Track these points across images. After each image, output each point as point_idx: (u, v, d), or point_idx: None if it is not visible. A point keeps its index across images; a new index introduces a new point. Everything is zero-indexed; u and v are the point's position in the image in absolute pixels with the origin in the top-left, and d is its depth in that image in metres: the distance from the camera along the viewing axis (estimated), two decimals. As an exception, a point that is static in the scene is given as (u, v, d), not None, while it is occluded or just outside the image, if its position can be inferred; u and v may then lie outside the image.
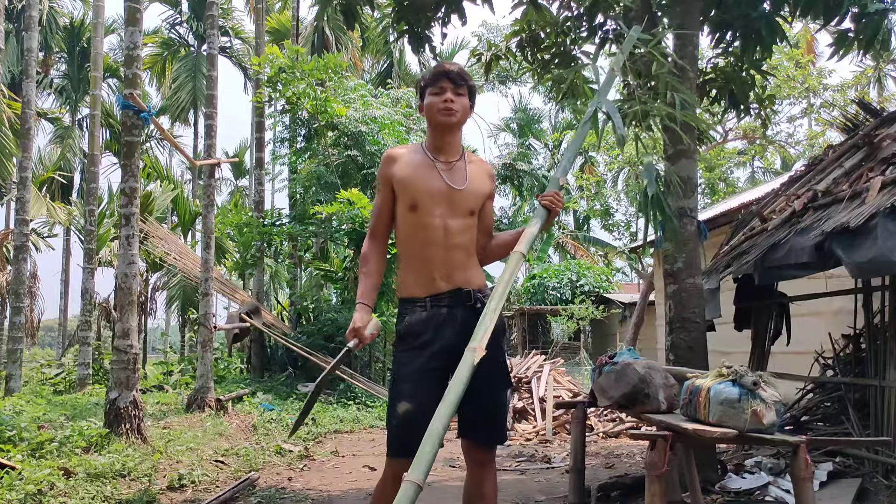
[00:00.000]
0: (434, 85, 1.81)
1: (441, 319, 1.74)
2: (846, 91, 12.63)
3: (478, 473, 1.79)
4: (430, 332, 1.73)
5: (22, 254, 7.88)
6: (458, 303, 1.77)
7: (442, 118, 1.79)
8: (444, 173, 1.80)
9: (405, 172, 1.79)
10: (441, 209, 1.77)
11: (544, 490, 3.53)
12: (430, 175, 1.79)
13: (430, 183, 1.78)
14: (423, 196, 1.77)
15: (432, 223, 1.76)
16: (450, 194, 1.78)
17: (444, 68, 1.83)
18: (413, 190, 1.77)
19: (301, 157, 10.20)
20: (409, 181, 1.78)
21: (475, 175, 1.85)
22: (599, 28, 4.38)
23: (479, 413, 1.74)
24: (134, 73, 4.47)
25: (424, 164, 1.81)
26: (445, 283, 1.77)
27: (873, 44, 3.49)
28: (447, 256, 1.77)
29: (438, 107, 1.79)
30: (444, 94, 1.79)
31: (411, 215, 1.78)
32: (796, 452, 1.88)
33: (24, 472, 3.04)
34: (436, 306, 1.75)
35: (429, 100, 1.82)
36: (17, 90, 10.57)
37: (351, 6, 4.22)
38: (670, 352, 3.32)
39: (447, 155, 1.83)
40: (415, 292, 1.78)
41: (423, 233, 1.77)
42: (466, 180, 1.81)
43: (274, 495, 3.35)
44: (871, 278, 3.44)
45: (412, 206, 1.77)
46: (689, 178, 3.45)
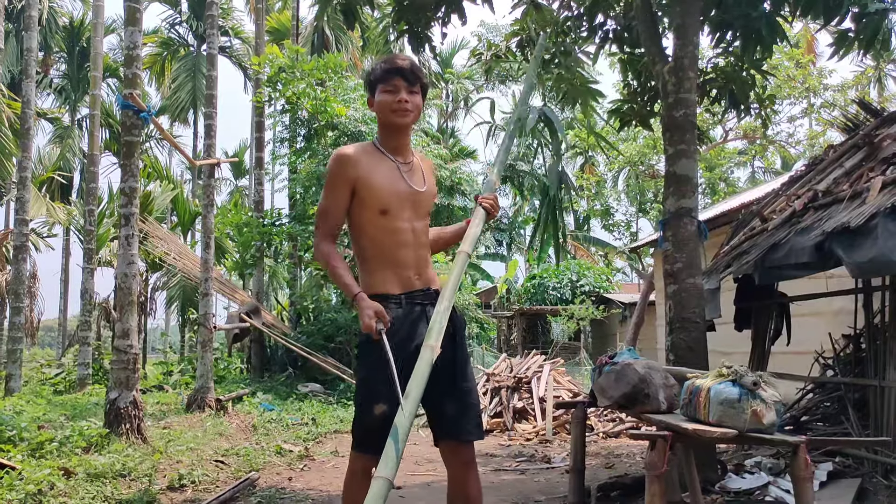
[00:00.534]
0: (386, 82, 1.74)
1: (416, 316, 1.74)
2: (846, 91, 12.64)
3: (462, 474, 1.75)
4: (406, 330, 1.72)
5: (21, 254, 7.88)
6: (428, 300, 1.78)
7: (397, 119, 1.75)
8: (406, 175, 1.78)
9: (372, 177, 1.73)
10: (408, 212, 1.77)
11: (544, 490, 3.53)
12: (396, 178, 1.76)
13: (398, 186, 1.76)
14: (392, 200, 1.74)
15: (402, 227, 1.76)
16: (413, 197, 1.78)
17: (397, 64, 1.74)
18: (383, 195, 1.73)
19: (301, 157, 10.19)
20: (377, 186, 1.73)
21: (428, 175, 1.86)
22: (600, 28, 4.39)
23: (458, 410, 1.73)
24: (133, 73, 4.46)
25: (388, 166, 1.77)
26: (419, 282, 1.79)
27: (874, 43, 3.49)
28: (417, 256, 1.79)
29: (392, 107, 1.74)
30: (397, 94, 1.73)
31: (382, 219, 1.74)
32: (796, 452, 1.88)
33: (24, 472, 3.04)
34: (410, 303, 1.75)
35: (381, 97, 1.75)
36: (17, 90, 10.57)
37: (351, 6, 4.22)
38: (670, 352, 3.32)
39: (404, 155, 1.82)
40: (390, 289, 1.75)
41: (395, 236, 1.75)
42: (425, 182, 1.82)
43: (274, 495, 3.35)
44: (871, 278, 3.44)
45: (383, 211, 1.73)
46: (690, 177, 3.45)
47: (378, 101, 1.77)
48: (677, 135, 3.44)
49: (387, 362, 1.60)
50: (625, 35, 4.38)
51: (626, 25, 4.32)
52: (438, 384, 1.66)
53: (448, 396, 1.72)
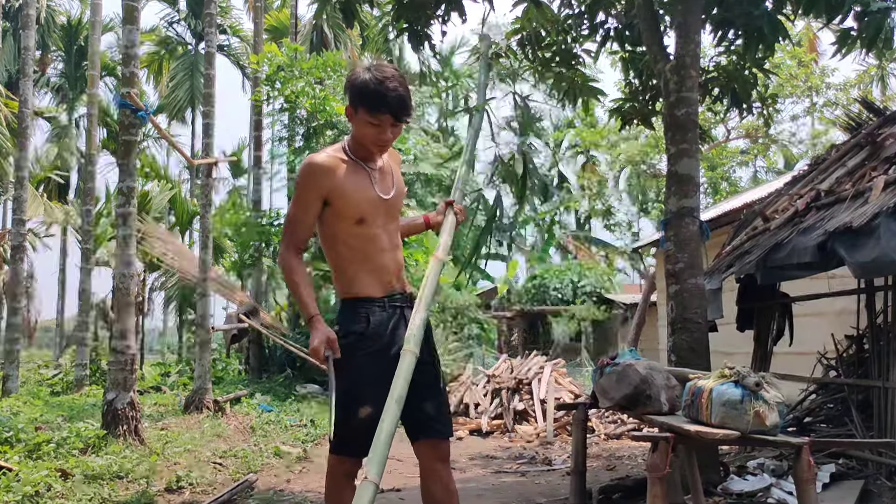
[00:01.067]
0: (373, 114, 1.69)
1: (396, 320, 1.78)
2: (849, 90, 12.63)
3: (441, 471, 1.77)
4: (388, 334, 1.75)
5: (19, 254, 7.84)
6: (405, 303, 1.82)
7: (375, 150, 1.77)
8: (378, 183, 1.78)
9: (347, 187, 1.72)
10: (381, 218, 1.79)
11: (545, 492, 3.51)
12: (368, 187, 1.76)
13: (370, 195, 1.76)
14: (367, 209, 1.75)
15: (378, 233, 1.78)
16: (385, 203, 1.79)
17: (388, 101, 1.67)
18: (359, 204, 1.73)
19: (300, 156, 10.16)
20: (352, 196, 1.72)
21: (396, 172, 1.87)
22: (601, 26, 4.36)
23: (436, 409, 1.79)
24: (131, 72, 4.43)
25: (360, 174, 1.76)
26: (398, 284, 1.82)
27: (876, 42, 3.46)
28: (394, 259, 1.82)
29: (374, 141, 1.74)
30: (383, 132, 1.71)
31: (358, 228, 1.74)
32: (799, 454, 1.87)
33: (21, 473, 3.03)
34: (392, 306, 1.78)
35: (365, 129, 1.71)
36: (14, 89, 10.54)
37: (350, 4, 4.20)
38: (672, 353, 3.30)
39: (374, 161, 1.82)
40: (372, 292, 1.77)
41: (373, 243, 1.77)
42: (394, 185, 1.83)
43: (272, 497, 3.33)
44: (874, 278, 3.42)
45: (359, 221, 1.74)
46: (692, 177, 3.42)
47: (360, 130, 1.74)
48: (679, 134, 3.42)
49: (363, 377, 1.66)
50: (626, 33, 4.36)
51: (628, 23, 4.30)
52: (417, 385, 1.69)
53: (427, 396, 1.76)
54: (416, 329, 1.67)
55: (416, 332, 1.67)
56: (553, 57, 4.49)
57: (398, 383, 1.58)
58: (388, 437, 1.50)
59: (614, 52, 4.68)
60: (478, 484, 3.74)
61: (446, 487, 1.76)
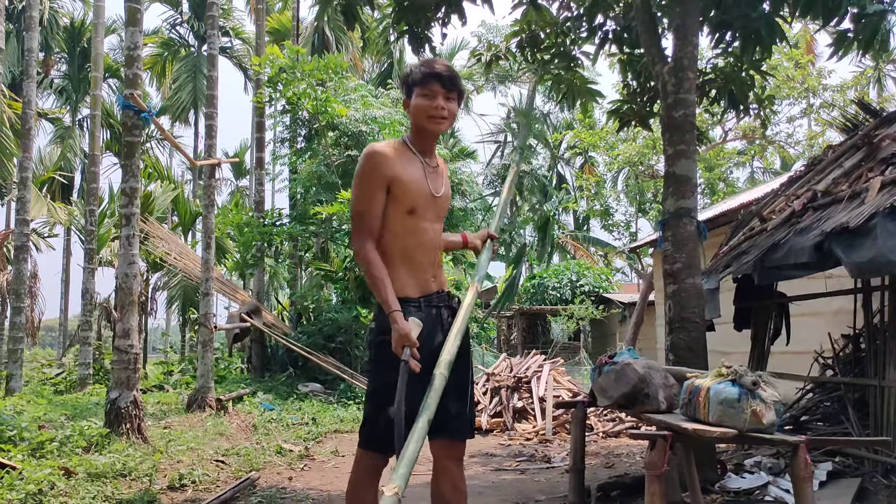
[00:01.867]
0: (424, 86, 1.74)
1: (433, 320, 1.77)
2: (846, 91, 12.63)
3: (453, 471, 1.78)
4: (423, 334, 1.73)
5: (22, 254, 7.88)
6: (442, 303, 1.81)
7: (432, 126, 1.76)
8: (431, 178, 1.81)
9: (405, 176, 1.74)
10: (430, 213, 1.81)
11: (544, 490, 3.53)
12: (423, 179, 1.79)
13: (424, 187, 1.78)
14: (420, 200, 1.77)
15: (425, 227, 1.79)
16: (435, 200, 1.81)
17: (436, 70, 1.75)
18: (413, 194, 1.75)
19: (301, 158, 10.20)
20: (409, 185, 1.74)
21: (446, 178, 1.90)
22: (599, 28, 4.39)
23: (459, 410, 1.78)
24: (134, 74, 4.47)
25: (417, 166, 1.78)
26: (435, 284, 1.82)
27: (872, 44, 3.49)
28: (434, 258, 1.82)
29: (429, 112, 1.74)
30: (435, 100, 1.74)
31: (410, 219, 1.76)
32: (796, 452, 1.88)
33: (24, 471, 3.05)
34: (428, 306, 1.78)
35: (418, 101, 1.75)
36: (18, 90, 10.58)
37: (351, 6, 4.23)
38: (670, 352, 3.32)
39: (431, 158, 1.84)
40: (409, 292, 1.76)
41: (418, 236, 1.77)
42: (444, 185, 1.86)
43: (274, 495, 3.35)
44: (870, 278, 3.44)
45: (411, 210, 1.75)
46: (689, 178, 3.45)
47: (414, 105, 1.77)
48: (677, 135, 3.45)
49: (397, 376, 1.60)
50: (624, 35, 4.39)
51: (626, 26, 4.33)
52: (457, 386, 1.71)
53: (453, 395, 1.74)
54: (448, 354, 1.64)
55: (448, 357, 1.64)
56: (552, 59, 4.52)
57: (429, 402, 1.55)
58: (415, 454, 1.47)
59: (613, 54, 4.71)
60: (478, 481, 3.76)
61: (456, 487, 1.77)
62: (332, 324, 8.68)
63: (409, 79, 1.80)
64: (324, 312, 9.19)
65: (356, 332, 8.70)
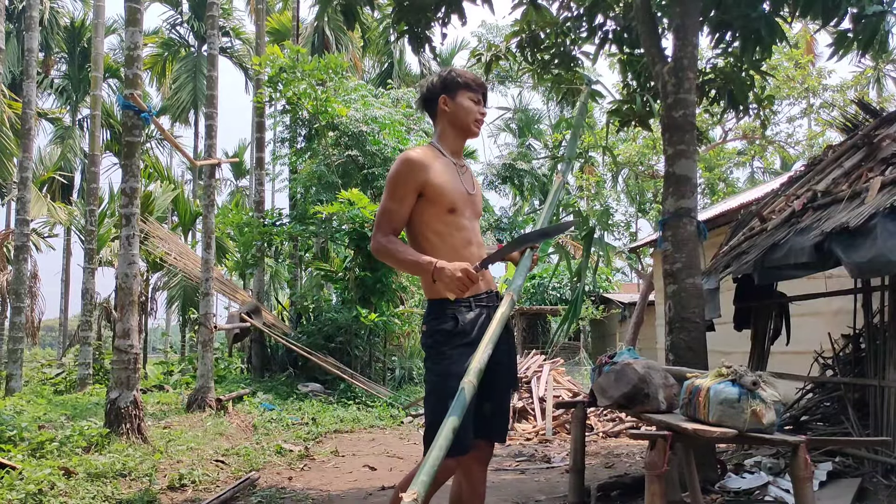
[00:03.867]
0: (474, 92, 1.88)
1: (483, 319, 1.77)
2: (845, 91, 12.63)
3: (478, 472, 1.81)
4: (475, 332, 1.74)
5: (22, 254, 7.89)
6: (491, 303, 1.81)
7: (475, 128, 1.89)
8: (463, 178, 1.87)
9: (441, 178, 1.79)
10: (469, 211, 1.85)
11: (544, 490, 3.53)
12: (457, 179, 1.84)
13: (459, 186, 1.83)
14: (458, 199, 1.81)
15: (467, 225, 1.83)
16: (471, 198, 1.87)
17: (483, 83, 1.92)
18: (451, 194, 1.79)
19: (301, 157, 10.20)
20: (446, 186, 1.79)
21: (475, 177, 1.97)
22: (599, 28, 4.39)
23: (494, 412, 1.78)
24: (134, 74, 4.47)
25: (451, 167, 1.85)
26: (483, 284, 1.81)
27: (872, 44, 3.49)
28: (479, 256, 1.82)
29: (476, 116, 1.87)
30: (481, 105, 1.89)
31: (450, 217, 1.79)
32: (796, 452, 1.88)
33: (24, 471, 3.05)
34: (478, 306, 1.79)
35: (468, 104, 1.86)
36: (18, 90, 10.58)
37: (351, 6, 4.23)
38: (670, 352, 3.32)
39: (459, 158, 1.92)
40: None
41: (461, 233, 1.81)
42: (475, 185, 1.93)
43: (274, 495, 3.35)
44: (870, 278, 3.44)
45: (451, 209, 1.79)
46: (689, 178, 3.45)
47: (462, 105, 1.86)
48: (677, 135, 3.45)
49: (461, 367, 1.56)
50: (624, 35, 4.39)
51: (626, 26, 4.33)
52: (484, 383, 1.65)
53: (489, 397, 1.74)
54: (479, 363, 1.59)
55: (478, 365, 1.58)
56: (552, 59, 4.52)
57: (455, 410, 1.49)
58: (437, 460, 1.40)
59: (613, 54, 4.71)
60: (478, 482, 3.76)
61: (475, 489, 1.79)
62: (332, 324, 8.68)
63: (458, 79, 1.88)
64: (324, 312, 9.19)
65: (356, 332, 8.70)
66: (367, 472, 4.13)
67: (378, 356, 9.41)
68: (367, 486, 3.69)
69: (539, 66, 4.56)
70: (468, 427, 1.61)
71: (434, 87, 1.88)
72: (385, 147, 9.24)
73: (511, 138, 21.59)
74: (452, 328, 1.74)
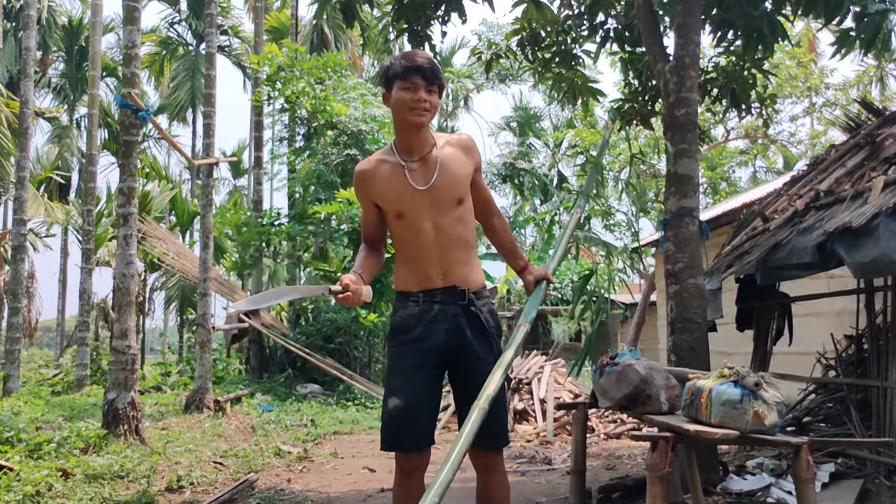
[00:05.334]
0: (405, 79, 1.72)
1: (432, 315, 1.75)
2: (848, 90, 12.61)
3: (485, 479, 1.80)
4: (421, 328, 1.74)
5: (20, 254, 7.86)
6: (450, 300, 1.77)
7: (413, 118, 1.73)
8: (415, 174, 1.76)
9: (381, 188, 1.78)
10: (426, 211, 1.75)
11: (545, 492, 3.51)
12: (403, 180, 1.76)
13: (405, 187, 1.76)
14: (403, 203, 1.76)
15: (422, 227, 1.76)
16: (425, 194, 1.75)
17: (417, 62, 1.72)
18: (393, 202, 1.77)
19: (300, 156, 10.18)
20: (387, 195, 1.77)
21: (452, 159, 1.79)
22: (600, 26, 4.37)
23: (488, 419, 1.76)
24: (132, 72, 4.45)
25: (396, 170, 1.77)
26: (441, 280, 1.78)
27: (874, 43, 3.47)
28: (443, 254, 1.77)
29: (410, 105, 1.72)
30: (416, 92, 1.72)
31: (400, 222, 1.79)
32: (798, 453, 1.87)
33: (21, 473, 3.03)
34: (428, 301, 1.76)
35: (399, 95, 1.73)
36: (15, 89, 10.54)
37: (350, 4, 4.22)
38: (672, 352, 3.30)
39: (419, 151, 1.78)
40: (409, 286, 1.80)
41: (415, 236, 1.78)
42: (437, 173, 1.75)
43: (273, 497, 3.33)
44: (873, 278, 3.42)
45: (398, 215, 1.78)
46: (691, 177, 3.43)
47: (395, 98, 1.74)
48: (678, 134, 3.43)
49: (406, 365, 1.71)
50: (626, 34, 4.37)
51: (627, 24, 4.30)
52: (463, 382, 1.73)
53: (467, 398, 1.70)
54: (490, 388, 1.60)
55: (489, 391, 1.59)
56: (553, 57, 4.50)
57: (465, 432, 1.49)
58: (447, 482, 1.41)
59: (614, 52, 4.69)
60: (478, 483, 3.74)
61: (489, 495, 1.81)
62: (330, 324, 8.66)
63: (390, 72, 1.77)
64: (322, 313, 9.17)
65: (355, 332, 8.68)
66: (367, 473, 4.11)
67: (377, 357, 9.39)
68: (366, 487, 3.67)
69: (540, 64, 4.53)
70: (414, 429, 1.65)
71: (381, 86, 1.86)
72: (384, 146, 9.21)
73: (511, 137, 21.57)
74: (394, 323, 1.80)
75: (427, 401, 1.72)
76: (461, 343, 1.74)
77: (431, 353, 1.71)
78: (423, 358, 1.71)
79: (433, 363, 1.72)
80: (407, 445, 1.68)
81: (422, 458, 1.72)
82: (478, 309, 1.77)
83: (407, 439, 1.68)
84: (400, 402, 1.67)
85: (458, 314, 1.75)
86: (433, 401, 1.76)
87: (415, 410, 1.67)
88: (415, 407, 1.67)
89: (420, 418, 1.69)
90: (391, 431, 1.69)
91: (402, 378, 1.70)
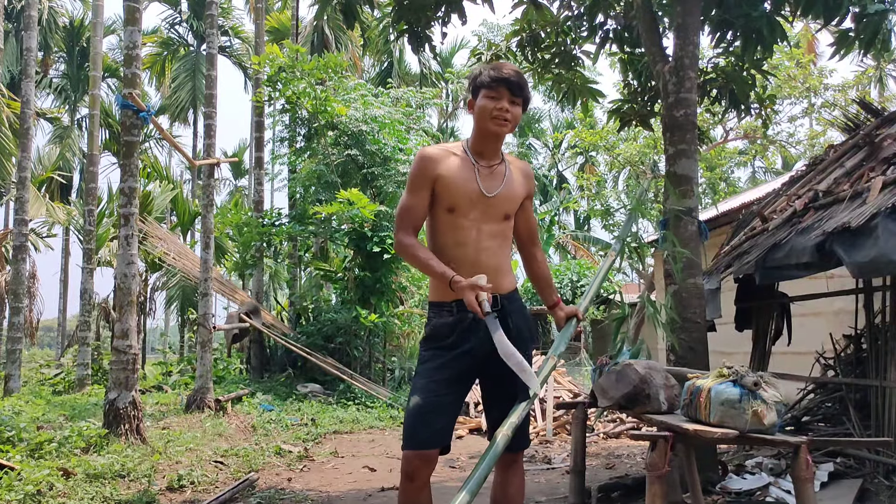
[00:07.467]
0: (491, 88, 1.78)
1: (467, 325, 1.76)
2: (847, 91, 12.62)
3: (504, 475, 1.86)
4: (455, 336, 1.75)
5: (21, 254, 7.87)
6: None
7: (493, 126, 1.78)
8: (484, 178, 1.80)
9: (448, 175, 1.78)
10: (476, 213, 1.79)
11: (545, 491, 3.52)
12: (470, 179, 1.79)
13: (469, 187, 1.79)
14: (461, 199, 1.78)
15: (466, 226, 1.79)
16: (485, 200, 1.80)
17: (505, 75, 1.78)
18: (454, 192, 1.77)
19: (301, 157, 10.18)
20: (450, 184, 1.78)
21: (514, 178, 1.87)
22: (600, 27, 4.38)
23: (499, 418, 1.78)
24: (133, 73, 4.46)
25: (466, 166, 1.81)
26: None
27: (873, 44, 3.48)
28: (477, 258, 1.79)
29: (493, 113, 1.77)
30: (500, 102, 1.77)
31: (448, 216, 1.79)
32: (797, 453, 1.87)
33: (23, 472, 3.04)
34: (462, 311, 1.75)
35: (483, 102, 1.78)
36: (17, 90, 10.56)
37: (351, 5, 4.22)
38: (671, 352, 3.31)
39: (488, 159, 1.84)
40: (443, 296, 1.78)
41: (456, 234, 1.79)
42: (503, 185, 1.82)
43: (273, 496, 3.34)
44: (872, 278, 3.43)
45: (450, 209, 1.78)
46: (690, 177, 3.44)
47: (479, 105, 1.80)
48: (678, 134, 3.44)
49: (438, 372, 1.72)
50: (625, 35, 4.38)
51: (627, 25, 4.32)
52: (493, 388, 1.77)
53: (495, 402, 1.80)
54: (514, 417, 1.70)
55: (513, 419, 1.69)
56: (552, 58, 4.51)
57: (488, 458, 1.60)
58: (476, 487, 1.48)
59: (613, 53, 4.69)
60: (478, 483, 3.75)
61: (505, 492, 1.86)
62: (331, 324, 8.66)
63: (477, 80, 1.82)
64: (323, 313, 9.18)
65: (356, 332, 8.68)
66: (367, 473, 4.12)
67: (378, 357, 9.39)
68: (366, 487, 3.68)
69: (539, 65, 4.55)
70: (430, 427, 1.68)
71: (468, 93, 1.89)
72: (385, 146, 9.22)
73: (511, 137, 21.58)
74: (429, 332, 1.81)
75: (450, 401, 1.75)
76: (493, 350, 1.73)
77: (463, 359, 1.73)
78: (455, 361, 1.73)
79: (464, 367, 1.75)
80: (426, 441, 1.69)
81: (434, 457, 1.74)
82: (510, 316, 1.81)
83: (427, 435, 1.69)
84: (422, 402, 1.69)
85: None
86: (457, 402, 1.79)
87: (435, 412, 1.69)
88: (435, 408, 1.69)
89: (441, 416, 1.72)
90: (413, 430, 1.70)
91: (427, 379, 1.72)
